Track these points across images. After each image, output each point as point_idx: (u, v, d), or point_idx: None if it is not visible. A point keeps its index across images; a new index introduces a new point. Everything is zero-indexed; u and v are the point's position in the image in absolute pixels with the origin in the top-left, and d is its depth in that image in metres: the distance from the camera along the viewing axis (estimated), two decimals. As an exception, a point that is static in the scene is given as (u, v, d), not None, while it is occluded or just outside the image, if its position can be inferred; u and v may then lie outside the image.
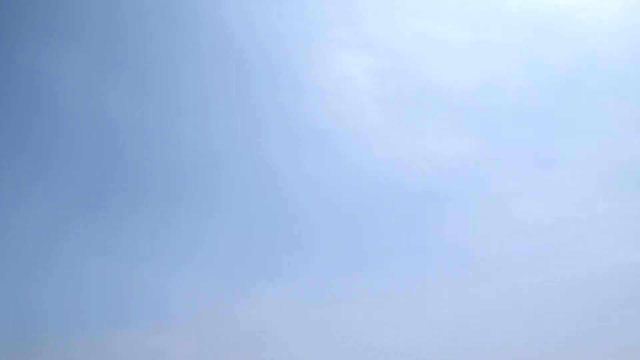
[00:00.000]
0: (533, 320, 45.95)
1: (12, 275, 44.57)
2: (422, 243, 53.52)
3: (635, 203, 50.56)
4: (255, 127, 59.53)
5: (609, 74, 57.20)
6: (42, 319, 42.73)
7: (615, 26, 57.42)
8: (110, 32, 58.46)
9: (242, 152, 58.63)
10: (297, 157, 58.81)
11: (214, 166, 57.86)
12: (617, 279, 46.51)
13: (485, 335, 45.52)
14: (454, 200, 55.56)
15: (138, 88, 59.12)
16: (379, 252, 52.77)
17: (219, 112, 59.80)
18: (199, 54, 60.11)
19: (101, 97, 57.12)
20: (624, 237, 49.39)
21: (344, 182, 58.07)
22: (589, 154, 54.90)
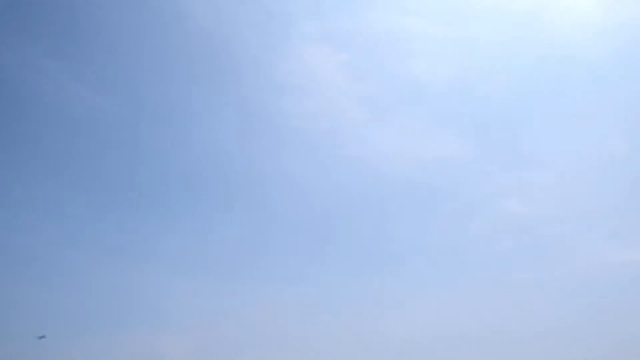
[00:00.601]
0: (528, 316, 46.71)
1: (16, 277, 45.65)
2: (411, 242, 54.45)
3: (620, 201, 51.42)
4: (230, 126, 60.48)
5: (589, 74, 58.00)
6: (46, 319, 44.19)
7: (594, 26, 58.14)
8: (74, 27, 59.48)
9: (224, 153, 59.53)
10: (277, 156, 59.36)
11: (194, 166, 58.90)
12: (605, 277, 47.19)
13: (479, 330, 45.94)
14: (442, 199, 56.11)
15: (106, 85, 59.83)
16: (367, 250, 53.66)
17: (189, 110, 60.61)
18: (168, 52, 60.62)
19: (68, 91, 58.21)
20: (612, 236, 50.37)
21: (326, 181, 58.91)
22: (571, 153, 55.90)
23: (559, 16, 58.94)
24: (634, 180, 51.69)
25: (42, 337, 40.07)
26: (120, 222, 53.93)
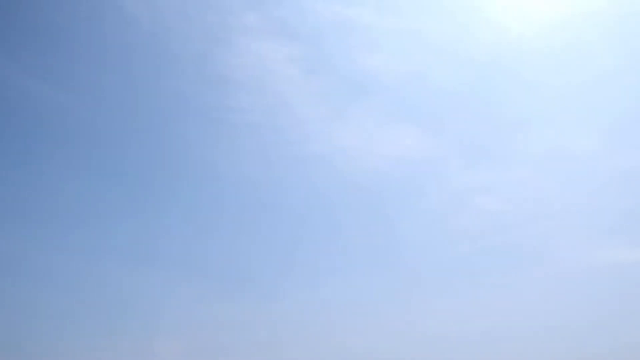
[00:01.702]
0: (508, 319, 44.11)
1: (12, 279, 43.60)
2: (380, 243, 50.91)
3: (597, 199, 49.56)
4: (182, 124, 55.41)
5: (552, 66, 55.60)
6: (41, 322, 42.38)
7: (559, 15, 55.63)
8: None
9: (171, 150, 54.22)
10: (228, 153, 55.04)
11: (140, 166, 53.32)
12: (588, 279, 45.17)
13: (456, 334, 43.48)
14: (411, 197, 53.41)
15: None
16: (336, 252, 50.02)
17: (137, 109, 54.77)
18: (102, 45, 54.78)
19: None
20: (593, 236, 48.20)
21: (284, 180, 54.74)
22: (543, 149, 53.27)
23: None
24: (608, 178, 49.97)
25: None
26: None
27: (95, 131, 53.67)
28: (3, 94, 50.56)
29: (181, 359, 42.26)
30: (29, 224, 47.28)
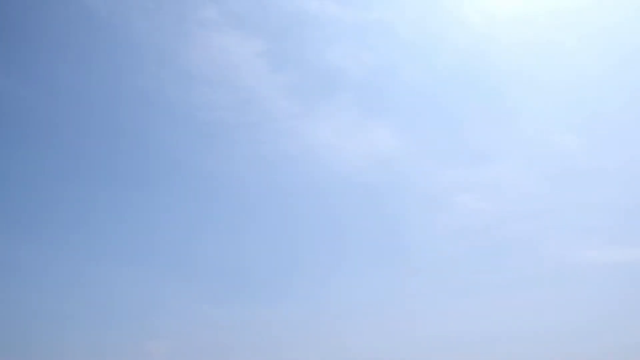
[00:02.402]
0: (494, 320, 42.67)
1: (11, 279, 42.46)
2: (361, 243, 48.90)
3: (579, 197, 48.16)
4: (146, 121, 52.23)
5: (536, 64, 54.19)
6: (39, 322, 41.21)
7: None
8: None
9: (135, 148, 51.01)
10: (196, 151, 52.14)
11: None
12: (575, 278, 43.85)
13: (441, 336, 41.88)
14: (390, 196, 51.22)
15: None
16: (313, 253, 47.91)
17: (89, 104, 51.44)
18: (57, 38, 51.08)
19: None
20: (577, 235, 46.87)
21: (255, 179, 52.04)
22: (524, 146, 51.84)
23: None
24: (592, 176, 48.97)
25: None
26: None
27: (53, 127, 50.30)
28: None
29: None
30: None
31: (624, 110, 50.12)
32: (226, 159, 52.19)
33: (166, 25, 52.47)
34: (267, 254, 48.19)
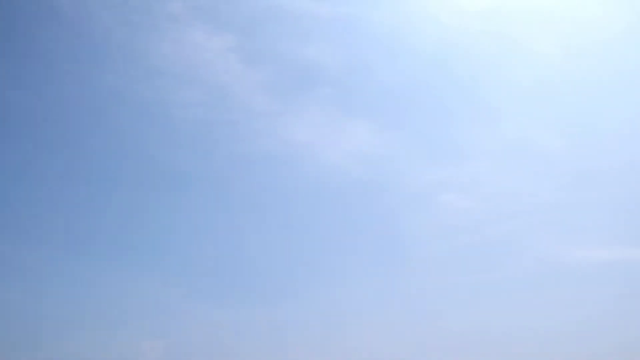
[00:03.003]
0: (477, 320, 41.79)
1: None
2: (343, 243, 47.34)
3: (564, 197, 47.30)
4: (116, 121, 49.90)
5: (515, 62, 53.23)
6: (35, 321, 40.55)
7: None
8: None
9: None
10: (171, 150, 50.04)
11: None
12: (560, 278, 43.04)
13: (423, 338, 40.78)
14: (372, 195, 49.67)
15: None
16: (294, 255, 46.22)
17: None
18: (30, 38, 48.44)
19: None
20: (562, 234, 46.05)
21: (235, 179, 50.09)
22: (506, 145, 50.83)
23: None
24: (573, 175, 48.24)
25: None
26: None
27: (17, 128, 48.06)
28: None
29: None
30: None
31: (606, 110, 49.99)
32: (205, 158, 50.59)
33: (133, 20, 50.29)
34: (249, 254, 46.76)
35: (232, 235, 47.74)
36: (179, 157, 49.95)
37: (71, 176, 47.72)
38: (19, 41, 47.88)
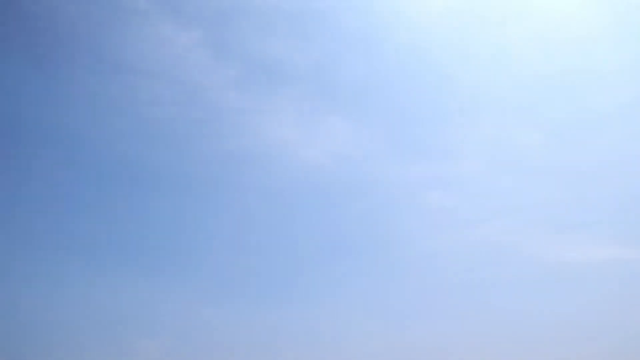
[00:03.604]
0: (468, 321, 40.83)
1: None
2: (328, 243, 46.05)
3: (551, 195, 46.39)
4: (82, 119, 47.07)
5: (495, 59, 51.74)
6: (30, 321, 39.64)
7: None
8: None
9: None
10: (143, 149, 47.61)
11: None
12: (552, 278, 42.16)
13: (412, 339, 39.98)
14: (355, 194, 48.05)
15: None
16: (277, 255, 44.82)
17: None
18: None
19: None
20: (553, 234, 45.13)
21: (210, 179, 48.00)
22: (489, 142, 49.61)
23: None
24: (556, 174, 47.47)
25: None
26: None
27: None
28: None
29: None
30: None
31: (589, 107, 49.03)
32: (177, 157, 48.34)
33: (98, 15, 47.87)
34: (226, 255, 45.25)
35: (201, 234, 46.42)
36: (150, 156, 47.85)
37: (34, 174, 45.38)
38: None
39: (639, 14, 49.00)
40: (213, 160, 48.20)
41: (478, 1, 52.22)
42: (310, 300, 42.73)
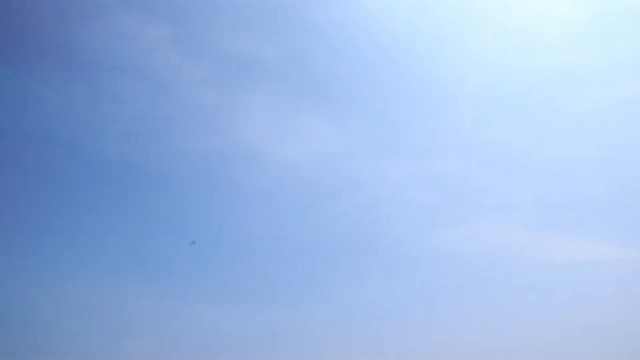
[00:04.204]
0: (461, 321, 40.13)
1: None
2: (314, 243, 44.99)
3: (540, 194, 45.92)
4: (51, 117, 45.49)
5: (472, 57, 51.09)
6: (22, 321, 38.99)
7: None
8: None
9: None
10: (116, 145, 46.35)
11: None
12: (548, 279, 41.31)
13: (404, 340, 39.12)
14: (338, 194, 47.08)
15: None
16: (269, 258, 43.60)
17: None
18: None
19: None
20: (544, 233, 44.25)
21: (190, 177, 47.15)
22: (463, 141, 48.81)
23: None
24: (541, 173, 47.22)
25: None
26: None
27: None
28: None
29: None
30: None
31: (574, 105, 48.81)
32: (149, 154, 46.90)
33: (62, 10, 46.06)
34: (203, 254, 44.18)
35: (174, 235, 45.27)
36: (117, 154, 46.48)
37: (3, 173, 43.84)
38: None
39: (620, 14, 49.42)
40: (186, 158, 46.94)
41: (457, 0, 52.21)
42: (296, 301, 42.01)
